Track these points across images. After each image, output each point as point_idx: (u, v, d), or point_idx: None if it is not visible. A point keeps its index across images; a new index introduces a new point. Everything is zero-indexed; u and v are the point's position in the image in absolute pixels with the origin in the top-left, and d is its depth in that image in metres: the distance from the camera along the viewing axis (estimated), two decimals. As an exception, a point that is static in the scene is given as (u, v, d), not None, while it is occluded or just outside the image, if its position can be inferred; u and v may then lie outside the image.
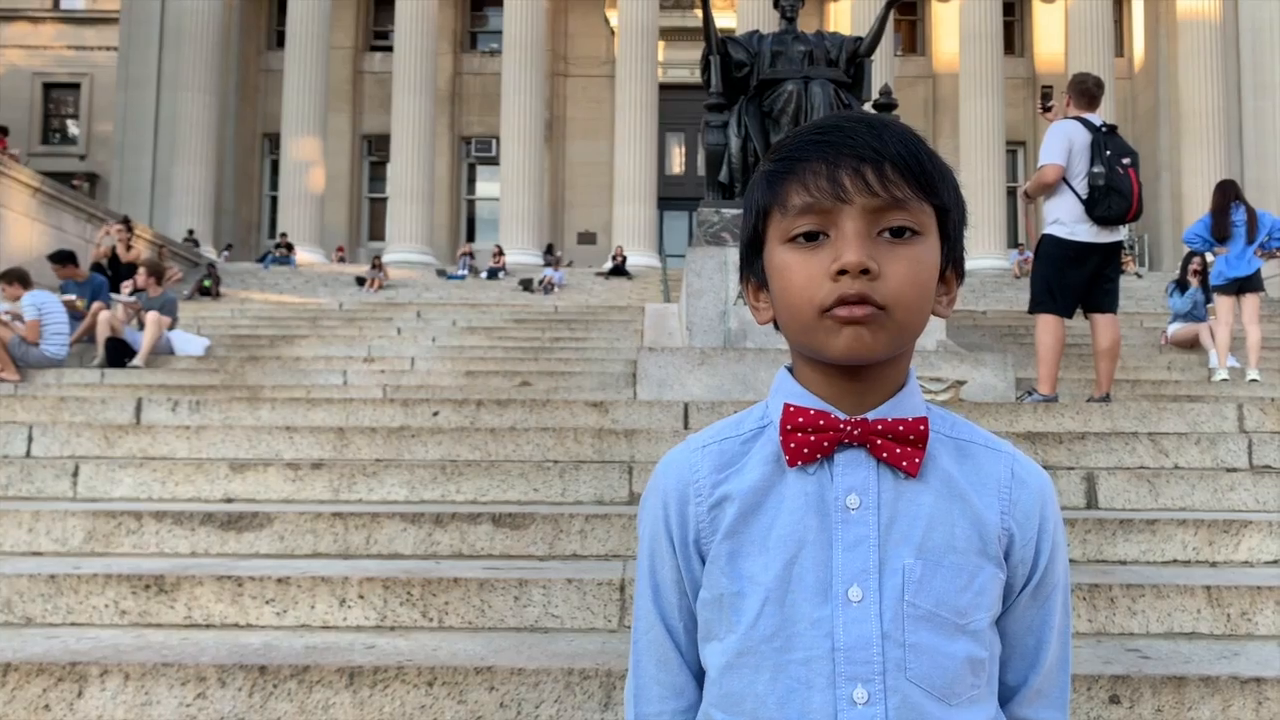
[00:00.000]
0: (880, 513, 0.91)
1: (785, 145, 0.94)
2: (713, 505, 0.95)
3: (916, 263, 0.90)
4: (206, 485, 4.28)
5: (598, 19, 31.63)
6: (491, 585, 3.10)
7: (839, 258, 0.88)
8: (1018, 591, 0.96)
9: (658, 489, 0.99)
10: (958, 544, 0.91)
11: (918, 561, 0.90)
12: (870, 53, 9.38)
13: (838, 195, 0.88)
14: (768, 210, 0.94)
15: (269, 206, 30.56)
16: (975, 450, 0.96)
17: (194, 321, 12.52)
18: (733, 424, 0.99)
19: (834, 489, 0.92)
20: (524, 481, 4.17)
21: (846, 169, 0.89)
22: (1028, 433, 4.82)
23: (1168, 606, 3.07)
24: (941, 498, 0.92)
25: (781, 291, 0.92)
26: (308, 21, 26.99)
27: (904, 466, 0.91)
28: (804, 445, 0.92)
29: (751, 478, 0.94)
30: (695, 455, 0.97)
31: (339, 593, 3.12)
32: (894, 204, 0.89)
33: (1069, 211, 6.25)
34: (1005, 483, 0.95)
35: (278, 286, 20.54)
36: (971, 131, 26.56)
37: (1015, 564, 0.95)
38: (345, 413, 5.39)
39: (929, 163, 0.91)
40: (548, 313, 13.88)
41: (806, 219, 0.90)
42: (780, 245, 0.92)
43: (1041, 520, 0.96)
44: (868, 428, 0.91)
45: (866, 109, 9.32)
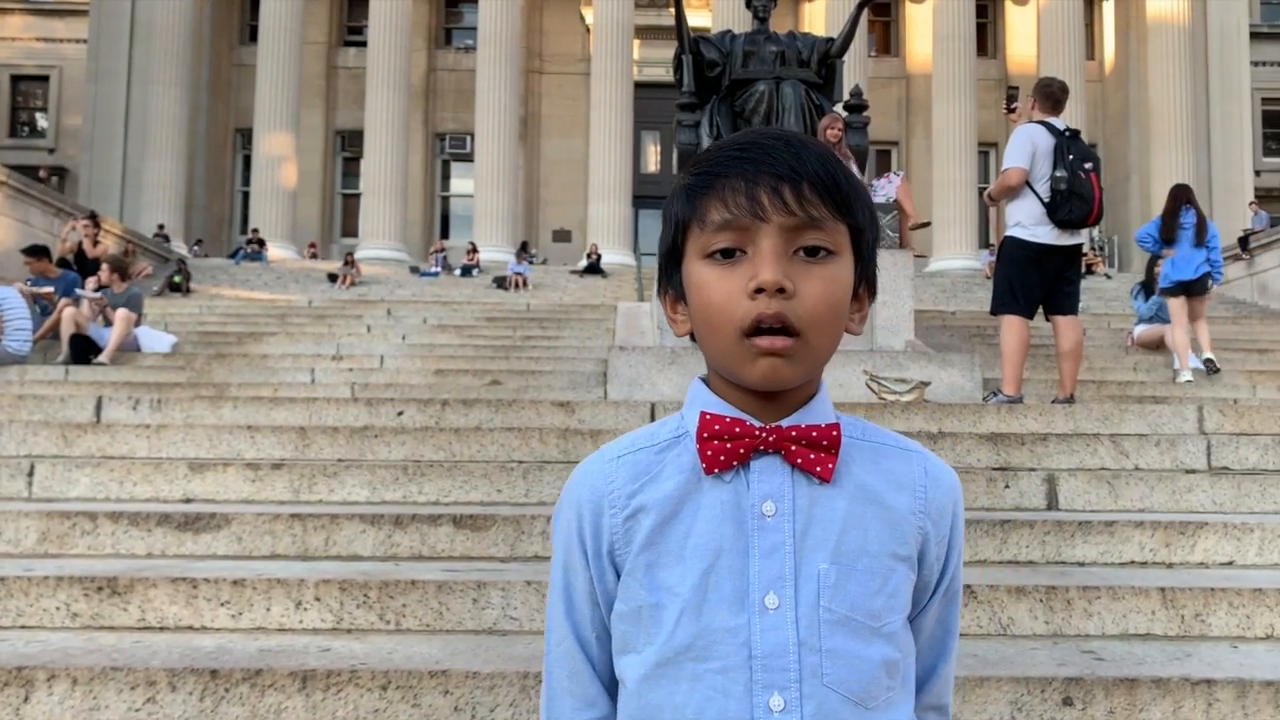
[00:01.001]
0: (795, 519, 0.92)
1: (705, 160, 0.95)
2: (628, 516, 0.94)
3: (831, 282, 0.91)
4: (165, 485, 4.24)
5: (573, 16, 31.58)
6: (450, 587, 3.08)
7: (756, 276, 0.88)
8: (931, 591, 0.99)
9: (572, 500, 0.98)
10: (871, 547, 0.93)
11: (832, 566, 0.91)
12: (841, 54, 9.42)
13: (756, 213, 0.89)
14: (687, 224, 0.94)
15: (241, 202, 30.32)
16: (888, 452, 0.97)
17: (161, 318, 12.40)
18: (647, 434, 0.98)
19: (750, 496, 0.92)
20: (487, 482, 4.15)
21: (765, 187, 0.89)
22: (991, 433, 4.84)
23: (1123, 608, 3.09)
24: (855, 502, 0.93)
25: (701, 307, 0.93)
26: (281, 16, 26.79)
27: (818, 472, 0.92)
28: (720, 452, 0.92)
29: (667, 487, 0.94)
30: (610, 466, 0.97)
31: (295, 595, 3.09)
32: (810, 223, 0.90)
33: (1030, 214, 6.30)
34: (919, 482, 0.96)
35: (249, 283, 20.38)
36: (944, 132, 26.72)
37: (930, 563, 0.97)
38: (308, 412, 5.34)
39: (845, 183, 0.92)
40: (520, 311, 13.84)
41: (725, 235, 0.90)
42: (698, 260, 0.93)
43: (954, 518, 0.98)
44: (782, 434, 0.92)
45: (837, 109, 9.36)
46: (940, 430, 5.06)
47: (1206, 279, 9.27)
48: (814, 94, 9.17)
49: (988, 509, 4.11)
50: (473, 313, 13.29)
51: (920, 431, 4.95)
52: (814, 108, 9.10)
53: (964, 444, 4.68)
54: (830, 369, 5.39)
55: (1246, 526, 3.63)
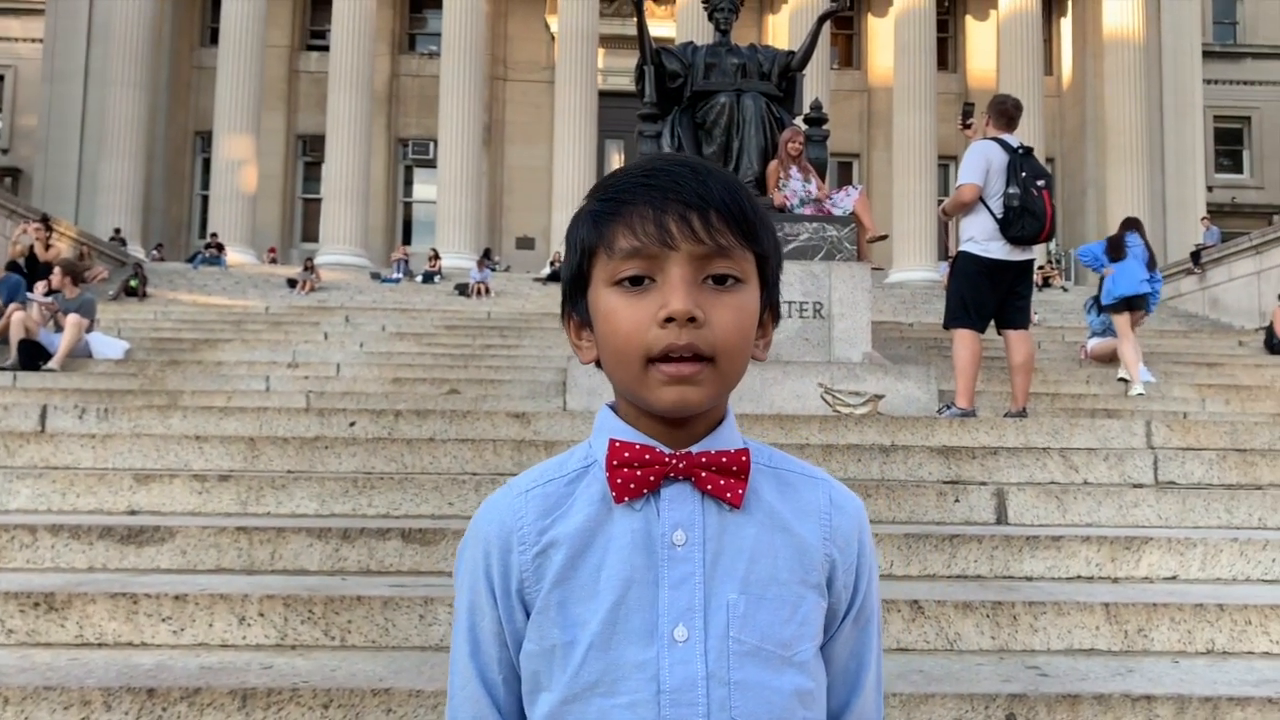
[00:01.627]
0: (706, 547, 0.91)
1: (611, 186, 0.94)
2: (538, 553, 0.92)
3: (740, 310, 0.91)
4: (109, 497, 4.16)
5: (538, 24, 31.54)
6: (396, 603, 3.05)
7: (666, 305, 0.88)
8: (841, 618, 0.97)
9: (479, 537, 0.96)
10: (781, 575, 0.92)
11: (742, 596, 0.90)
12: (802, 67, 9.48)
13: (664, 241, 0.89)
14: (593, 250, 0.93)
15: (200, 205, 29.94)
16: (794, 479, 0.97)
17: (115, 323, 12.22)
18: (556, 465, 0.97)
19: (660, 524, 0.91)
20: (438, 495, 4.11)
21: (673, 214, 0.89)
22: (942, 447, 4.88)
23: (1068, 624, 3.12)
24: (764, 529, 0.93)
25: (609, 335, 0.92)
26: (242, 19, 26.52)
27: (728, 498, 0.91)
28: (630, 480, 0.91)
29: (578, 520, 0.92)
30: (519, 501, 0.95)
31: (239, 610, 3.05)
32: (719, 252, 0.90)
33: (984, 230, 6.37)
34: (825, 509, 0.96)
35: (207, 288, 20.13)
36: (905, 145, 26.99)
37: (839, 590, 0.96)
38: (259, 422, 5.28)
39: (751, 211, 0.92)
40: (481, 319, 13.78)
41: (633, 263, 0.90)
42: (605, 287, 0.92)
43: (860, 545, 0.98)
44: (692, 460, 0.91)
45: (798, 122, 9.41)
46: (893, 443, 5.09)
47: (1145, 299, 9.53)
48: (775, 106, 9.22)
49: (938, 523, 4.13)
50: (433, 320, 13.22)
51: (874, 444, 4.98)
52: (774, 120, 9.14)
53: (916, 457, 4.71)
54: (787, 380, 5.42)
55: (1190, 541, 3.68)
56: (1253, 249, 17.33)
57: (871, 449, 4.77)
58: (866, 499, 4.16)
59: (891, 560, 3.58)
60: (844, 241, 8.38)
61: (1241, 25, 35.45)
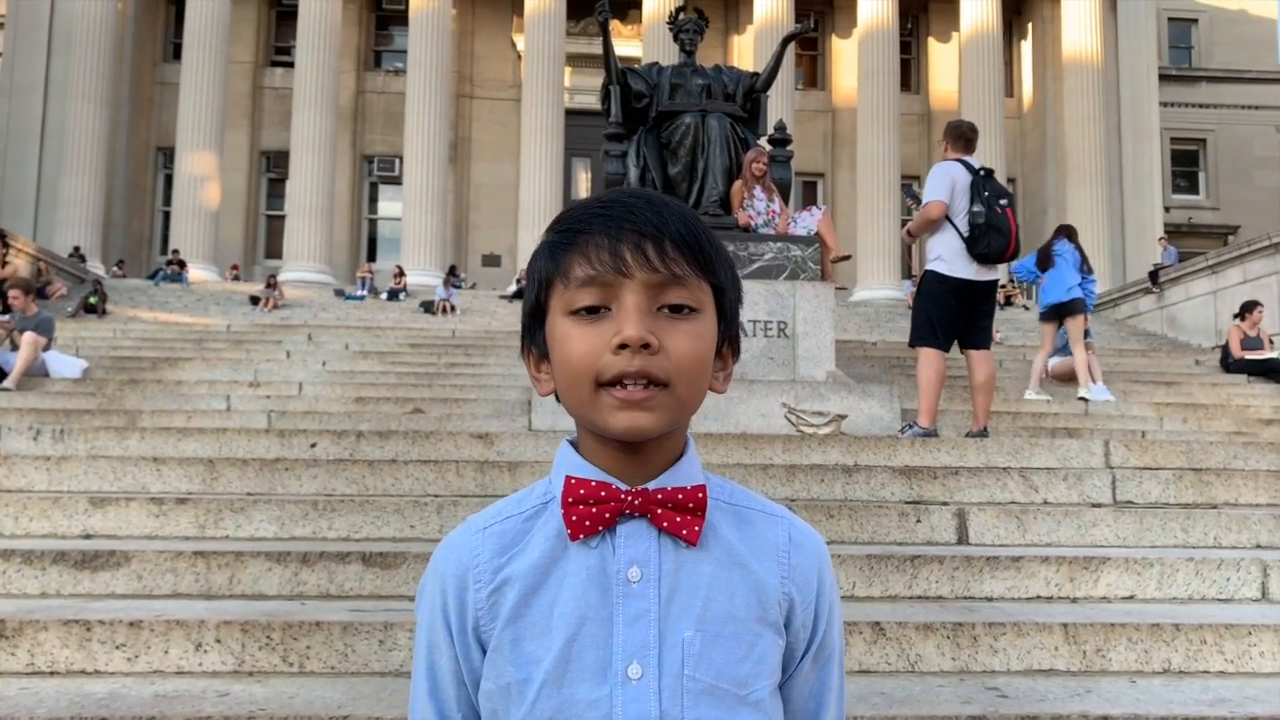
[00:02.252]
0: (661, 584, 0.91)
1: (568, 218, 0.94)
2: (493, 591, 0.92)
3: (696, 337, 0.91)
4: (64, 521, 4.09)
5: (504, 43, 31.58)
6: (356, 628, 3.01)
7: (620, 331, 0.88)
8: (799, 657, 0.97)
9: (436, 575, 0.96)
10: (737, 613, 0.91)
11: (697, 634, 0.90)
12: (766, 88, 9.56)
13: (619, 269, 0.89)
14: (550, 281, 0.93)
15: (162, 222, 29.62)
16: (753, 516, 0.97)
17: (73, 341, 12.04)
18: (515, 501, 0.97)
19: (615, 561, 0.91)
20: (399, 518, 4.08)
21: (628, 243, 0.89)
22: (904, 467, 4.91)
23: (1028, 644, 3.14)
24: (721, 566, 0.92)
25: (562, 362, 0.92)
26: (206, 34, 26.35)
27: (684, 535, 0.91)
28: (585, 517, 0.91)
29: (533, 556, 0.92)
30: (476, 538, 0.94)
31: (195, 636, 3.00)
32: (674, 280, 0.90)
33: (950, 248, 6.42)
34: (783, 547, 0.95)
35: (168, 305, 19.89)
36: (868, 165, 27.25)
37: (797, 629, 0.95)
38: (219, 443, 5.21)
39: (707, 242, 0.93)
40: (445, 337, 13.72)
41: (588, 292, 0.90)
42: (562, 317, 0.92)
43: (820, 583, 0.97)
44: (648, 497, 0.91)
45: (762, 143, 9.47)
46: (856, 463, 5.12)
47: (1080, 302, 9.76)
48: (739, 127, 9.29)
49: (900, 543, 4.16)
50: (397, 338, 13.14)
51: (837, 464, 5.00)
52: (739, 140, 9.21)
53: (879, 477, 4.74)
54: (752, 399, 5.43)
55: (1147, 561, 3.72)
56: (1209, 269, 17.64)
57: (835, 469, 4.79)
58: (829, 519, 4.17)
59: (854, 581, 3.59)
60: (808, 261, 8.44)
61: (1196, 50, 36.18)
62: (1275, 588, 3.70)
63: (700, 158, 9.02)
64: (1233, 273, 16.81)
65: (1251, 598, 3.69)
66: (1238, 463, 5.42)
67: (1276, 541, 4.26)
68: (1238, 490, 4.88)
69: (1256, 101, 35.56)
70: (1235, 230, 33.14)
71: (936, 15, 31.73)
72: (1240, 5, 36.29)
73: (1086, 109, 27.80)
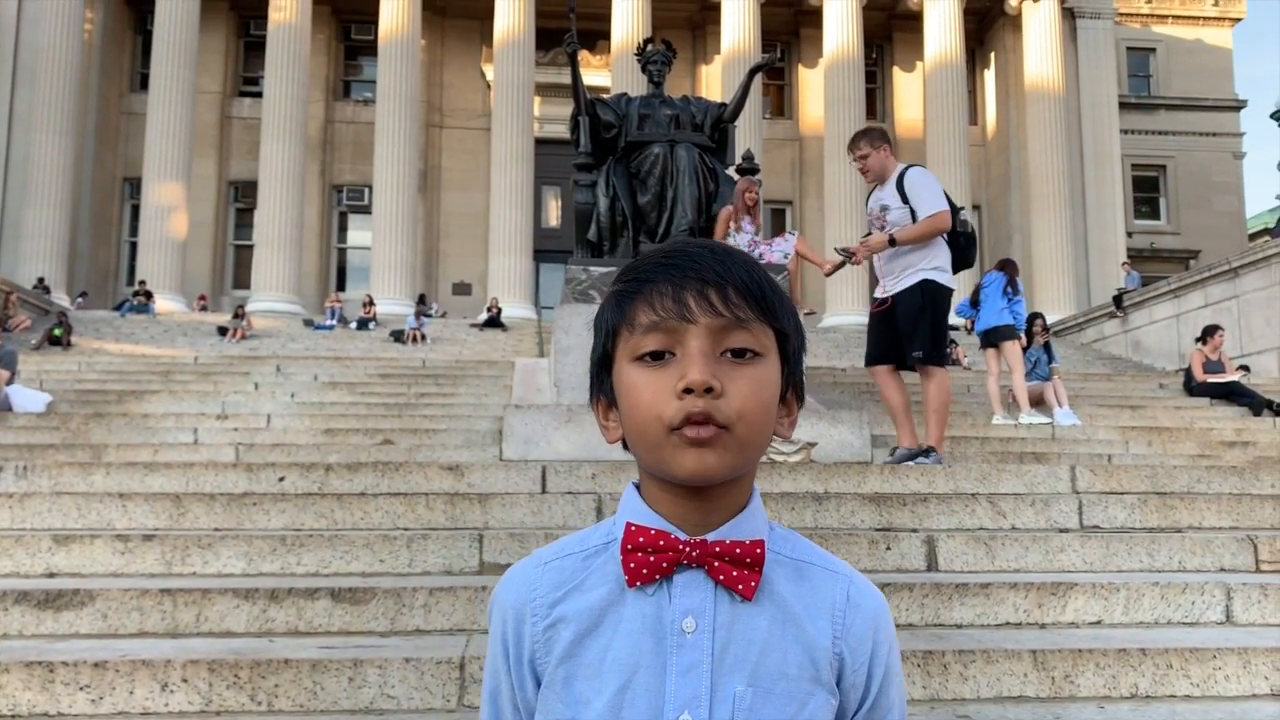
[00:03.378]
0: (715, 636, 0.91)
1: (634, 268, 0.96)
2: (548, 626, 0.93)
3: (758, 382, 0.92)
4: (26, 559, 4.03)
5: (474, 72, 31.71)
6: (325, 666, 2.99)
7: (684, 376, 0.89)
8: (850, 716, 0.96)
9: (499, 604, 0.98)
10: (790, 671, 0.91)
11: (749, 689, 0.90)
12: (734, 118, 9.65)
13: (683, 315, 0.91)
14: (616, 329, 0.95)
15: (128, 252, 29.40)
16: (813, 572, 0.97)
17: (37, 374, 11.91)
18: (579, 539, 0.98)
19: (671, 611, 0.91)
20: (369, 552, 4.05)
21: (692, 290, 0.91)
22: (874, 494, 4.94)
23: (997, 671, 3.16)
24: (776, 622, 0.93)
25: (631, 409, 0.93)
26: (172, 64, 26.30)
27: (740, 590, 0.92)
28: (643, 565, 0.91)
29: (590, 598, 0.93)
30: (536, 572, 0.96)
31: (161, 676, 2.96)
32: (737, 324, 0.91)
33: (947, 259, 6.16)
34: (840, 606, 0.95)
35: (134, 336, 19.72)
36: (836, 192, 27.55)
37: (847, 689, 0.95)
38: (185, 478, 5.16)
39: (769, 289, 0.94)
40: (416, 367, 13.66)
41: (653, 337, 0.91)
42: (628, 364, 0.93)
43: (875, 645, 0.96)
44: (706, 549, 0.92)
45: (730, 173, 9.55)
46: (826, 491, 5.14)
47: (1009, 328, 10.31)
48: (708, 157, 9.35)
49: (870, 571, 4.17)
50: (366, 369, 13.07)
51: (807, 492, 5.02)
52: (708, 170, 9.27)
53: (848, 504, 4.76)
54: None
55: (1113, 586, 3.76)
56: (1171, 293, 17.93)
57: (805, 497, 4.81)
58: (800, 548, 4.19)
59: (825, 610, 3.60)
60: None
61: (1155, 78, 36.91)
62: (1239, 611, 3.74)
63: (669, 187, 9.08)
64: (1194, 297, 17.09)
65: (1216, 621, 3.74)
66: (1201, 486, 5.49)
67: (1239, 564, 4.31)
68: (1201, 514, 4.94)
69: (1214, 129, 36.30)
70: (1196, 254, 33.72)
71: (901, 45, 32.21)
72: (1196, 35, 37.09)
73: (1049, 136, 28.28)
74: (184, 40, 26.55)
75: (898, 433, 6.56)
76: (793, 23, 31.63)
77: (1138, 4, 36.67)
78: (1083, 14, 30.18)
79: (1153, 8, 36.88)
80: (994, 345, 10.37)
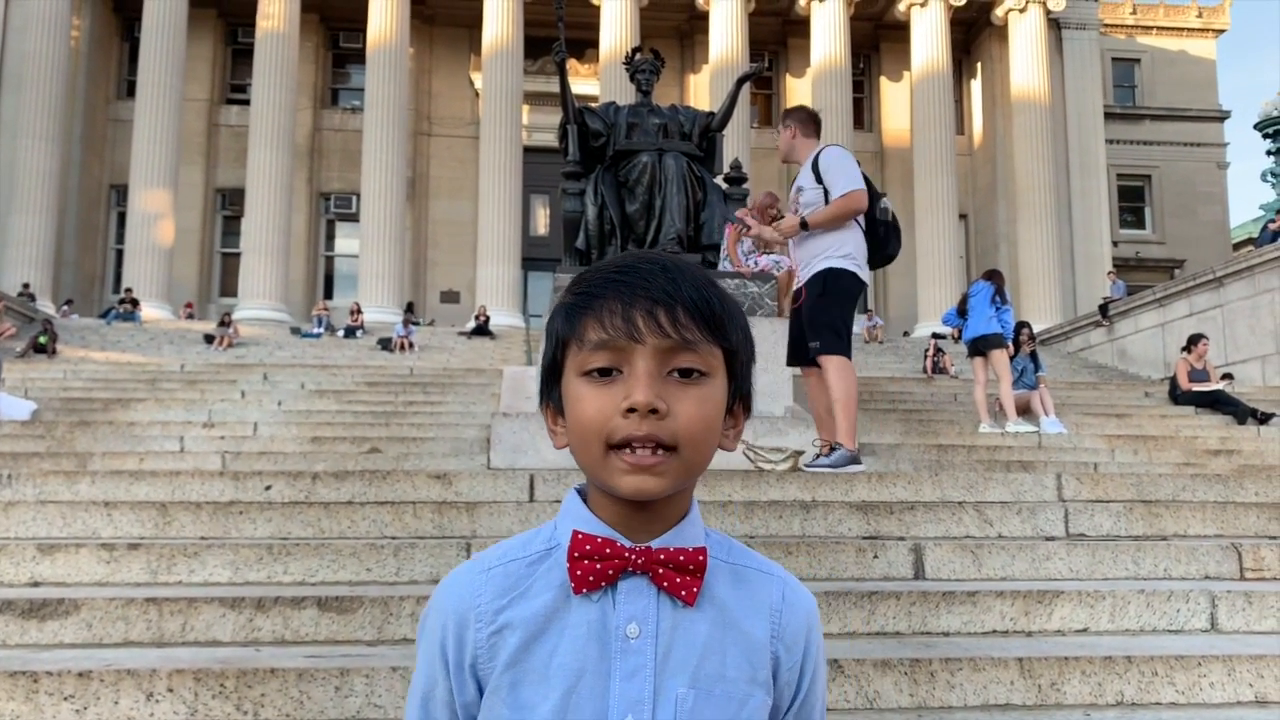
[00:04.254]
0: (658, 641, 0.94)
1: (586, 280, 0.98)
2: (493, 632, 0.94)
3: (703, 402, 0.94)
4: (10, 568, 4.00)
5: (462, 80, 31.72)
6: (311, 675, 2.97)
7: (629, 396, 0.91)
8: (784, 712, 1.00)
9: (439, 609, 0.98)
10: (729, 673, 0.94)
11: (691, 691, 0.93)
12: (722, 128, 9.67)
13: (631, 335, 0.92)
14: (566, 341, 0.96)
15: (114, 260, 29.31)
16: (749, 575, 1.00)
17: (22, 382, 11.84)
18: (520, 544, 0.99)
19: (616, 617, 0.94)
20: (356, 561, 4.04)
21: (641, 310, 0.93)
22: (861, 502, 4.94)
23: (984, 679, 3.17)
24: (716, 626, 0.96)
25: (575, 422, 0.95)
26: (160, 71, 26.24)
27: (683, 595, 0.94)
28: (590, 573, 0.93)
29: (536, 604, 0.94)
30: (480, 578, 0.97)
31: (146, 686, 2.95)
32: (684, 345, 0.93)
33: (859, 247, 5.78)
34: (776, 607, 0.99)
35: (120, 344, 19.63)
36: (825, 201, 27.58)
37: (782, 686, 0.99)
38: (172, 486, 5.13)
39: (719, 306, 0.96)
40: (403, 375, 13.63)
41: (601, 355, 0.93)
42: (576, 377, 0.95)
43: (808, 644, 1.00)
44: (651, 557, 0.94)
45: (718, 182, 9.58)
46: (814, 499, 5.14)
47: (997, 336, 10.41)
48: (696, 166, 9.38)
49: (857, 579, 4.18)
50: (354, 377, 13.04)
51: (794, 500, 5.03)
52: (696, 179, 9.29)
53: (836, 513, 4.77)
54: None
55: (1099, 594, 3.77)
56: (1156, 302, 18.03)
57: (792, 505, 4.82)
58: (788, 556, 4.19)
59: (812, 618, 3.60)
60: (764, 298, 8.52)
61: (1140, 89, 37.18)
62: (1224, 618, 3.76)
63: (658, 196, 9.09)
64: (1179, 305, 17.19)
65: (1201, 628, 3.75)
66: (1186, 494, 5.52)
67: (1224, 572, 4.34)
68: (1186, 522, 4.96)
69: (1198, 139, 36.57)
70: (1181, 264, 33.94)
71: (888, 55, 32.36)
72: (1181, 46, 37.38)
73: (1035, 146, 28.44)
74: (171, 47, 26.51)
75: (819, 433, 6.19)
76: (780, 33, 31.76)
77: (1123, 15, 36.94)
78: (1068, 24, 30.40)
79: (1138, 19, 37.16)
80: (981, 354, 10.44)
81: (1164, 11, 37.44)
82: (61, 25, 26.37)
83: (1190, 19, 37.47)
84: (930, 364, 18.81)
